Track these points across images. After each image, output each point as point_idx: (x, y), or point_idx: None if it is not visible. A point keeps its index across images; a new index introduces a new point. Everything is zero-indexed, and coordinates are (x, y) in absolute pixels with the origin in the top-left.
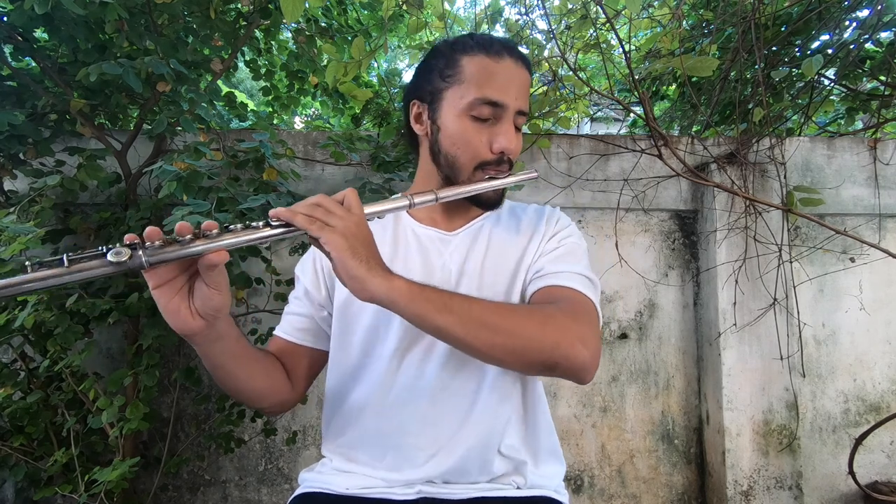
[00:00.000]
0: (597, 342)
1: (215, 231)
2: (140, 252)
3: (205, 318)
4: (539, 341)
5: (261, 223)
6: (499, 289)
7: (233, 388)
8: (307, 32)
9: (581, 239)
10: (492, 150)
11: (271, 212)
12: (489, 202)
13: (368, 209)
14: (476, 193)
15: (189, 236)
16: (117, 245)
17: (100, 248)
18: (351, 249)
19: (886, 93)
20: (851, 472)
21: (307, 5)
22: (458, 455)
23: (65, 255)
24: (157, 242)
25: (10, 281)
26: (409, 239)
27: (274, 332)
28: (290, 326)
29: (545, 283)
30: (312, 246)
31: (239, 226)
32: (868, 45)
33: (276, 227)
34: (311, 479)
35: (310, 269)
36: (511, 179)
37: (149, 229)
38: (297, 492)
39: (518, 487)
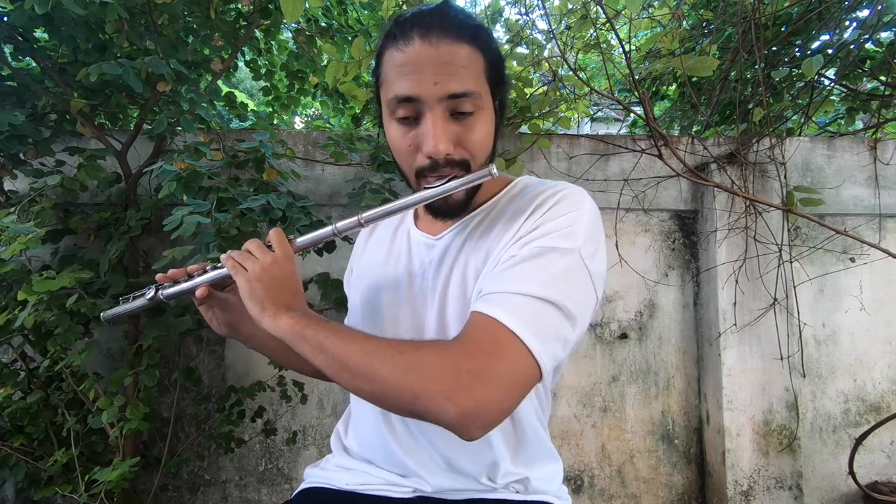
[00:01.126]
0: (484, 396)
1: (198, 272)
2: (159, 292)
3: (227, 327)
4: (397, 391)
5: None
6: (459, 308)
7: (298, 371)
8: (307, 32)
9: (569, 238)
10: (423, 154)
11: (221, 256)
12: (443, 211)
13: (301, 241)
14: (428, 202)
15: (186, 277)
16: (150, 287)
17: (144, 290)
18: (250, 292)
19: (886, 93)
20: (851, 473)
21: (307, 5)
22: (453, 475)
23: (132, 295)
24: (167, 284)
25: (115, 311)
26: (402, 244)
27: None
28: (348, 321)
29: (473, 309)
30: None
31: (211, 267)
32: (868, 45)
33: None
34: (314, 476)
35: (348, 271)
36: (449, 186)
37: (159, 276)
38: (301, 487)
39: (518, 492)
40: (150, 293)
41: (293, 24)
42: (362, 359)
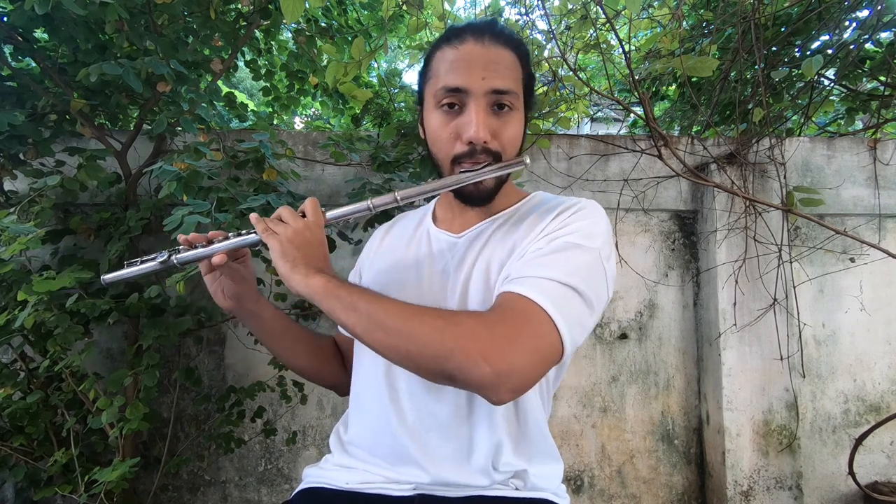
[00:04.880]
0: (517, 360)
1: (220, 238)
2: (173, 257)
3: (232, 300)
4: (433, 348)
5: (250, 231)
6: (483, 295)
7: (282, 361)
8: (307, 33)
9: (590, 238)
10: (462, 142)
11: (250, 217)
12: (472, 197)
13: (333, 214)
14: (457, 189)
15: (203, 242)
16: (163, 251)
17: (156, 255)
18: (282, 251)
19: (886, 93)
20: (851, 473)
21: (307, 5)
22: (447, 468)
23: (140, 259)
24: (183, 248)
25: (117, 274)
26: (422, 241)
27: None
28: None
29: (503, 289)
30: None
31: (234, 233)
32: (868, 46)
33: (255, 232)
34: (313, 475)
35: (355, 271)
36: (486, 171)
37: (180, 237)
38: (300, 487)
39: (517, 489)
40: (163, 257)
41: (293, 25)
42: (399, 318)
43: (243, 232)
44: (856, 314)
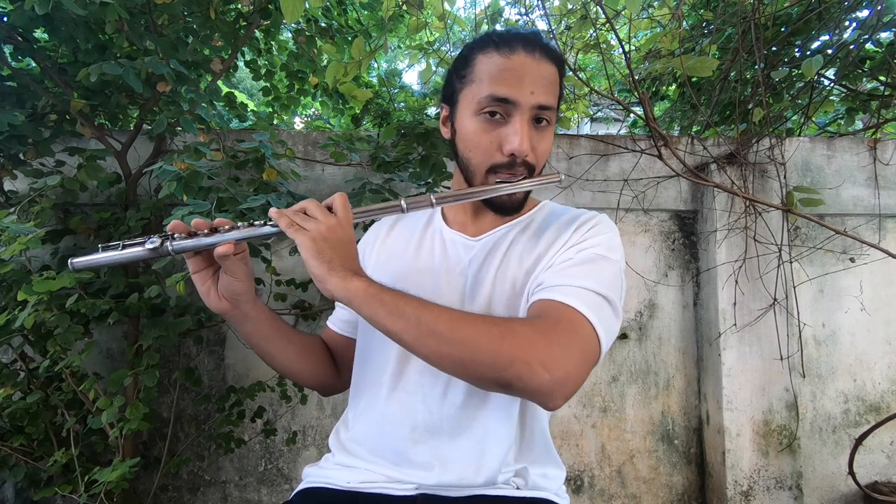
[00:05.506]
0: (571, 367)
1: (226, 227)
2: (167, 243)
3: (229, 301)
4: (492, 356)
5: (263, 222)
6: (508, 301)
7: (271, 365)
8: (307, 33)
9: (613, 251)
10: (503, 152)
11: (270, 211)
12: (503, 207)
13: (359, 211)
14: (489, 198)
15: (206, 231)
16: (153, 235)
17: (144, 238)
18: (316, 250)
19: (886, 93)
20: (851, 473)
21: (307, 5)
22: (456, 471)
23: (122, 242)
24: (179, 235)
25: (90, 259)
26: (434, 241)
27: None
28: (336, 317)
29: (540, 297)
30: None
31: (244, 224)
32: (868, 46)
33: (273, 225)
34: (313, 475)
35: None
36: (525, 184)
37: (174, 223)
38: (300, 487)
39: (518, 488)
40: (154, 242)
41: (293, 25)
42: (454, 324)
43: (256, 223)
44: (856, 314)
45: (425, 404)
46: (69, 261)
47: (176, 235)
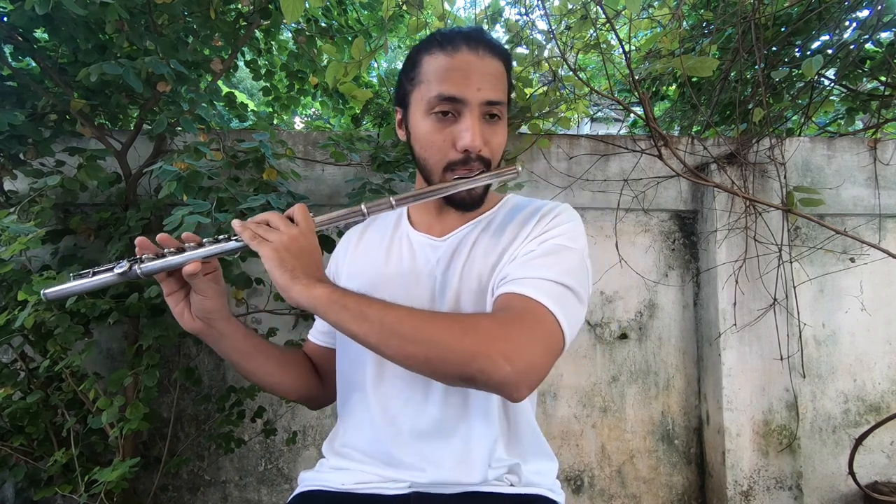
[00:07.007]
0: (534, 358)
1: (193, 244)
2: (136, 266)
3: (202, 321)
4: (454, 352)
5: (230, 237)
6: (476, 297)
7: (252, 380)
8: (307, 33)
9: (575, 240)
10: (457, 149)
11: (233, 223)
12: (464, 203)
13: (321, 220)
14: (449, 195)
15: (173, 249)
16: (123, 260)
17: (113, 264)
18: (279, 260)
19: (886, 93)
20: (851, 473)
21: (307, 5)
22: (446, 471)
23: (92, 269)
24: (147, 256)
25: (63, 288)
26: (402, 245)
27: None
28: (316, 329)
29: (503, 290)
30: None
31: (209, 240)
32: (868, 46)
33: (238, 240)
34: (309, 479)
35: (330, 272)
36: (483, 178)
37: (139, 240)
38: (296, 491)
39: (512, 485)
40: (123, 267)
41: (293, 25)
42: (416, 324)
43: (220, 238)
44: (856, 314)
45: (408, 408)
46: (41, 291)
47: (144, 257)
